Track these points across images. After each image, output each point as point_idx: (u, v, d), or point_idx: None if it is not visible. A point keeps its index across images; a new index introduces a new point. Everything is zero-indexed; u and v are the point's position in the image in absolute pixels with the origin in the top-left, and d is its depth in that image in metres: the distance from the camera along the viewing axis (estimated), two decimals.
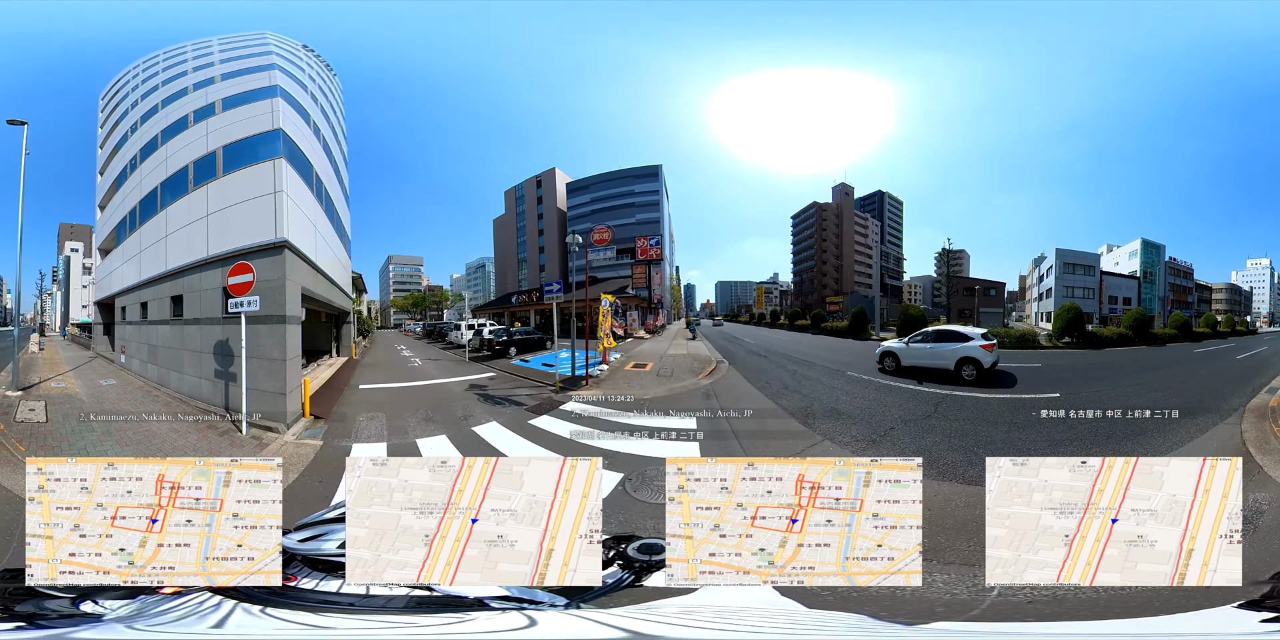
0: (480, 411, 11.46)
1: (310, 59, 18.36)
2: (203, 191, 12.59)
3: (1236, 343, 19.48)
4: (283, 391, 10.13)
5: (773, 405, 11.32)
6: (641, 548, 3.69)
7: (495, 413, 11.28)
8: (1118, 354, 17.37)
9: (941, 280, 36.10)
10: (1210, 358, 16.57)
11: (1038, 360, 15.45)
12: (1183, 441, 8.21)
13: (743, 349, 20.86)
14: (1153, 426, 8.81)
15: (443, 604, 3.11)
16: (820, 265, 35.56)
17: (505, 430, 9.98)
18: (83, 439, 8.79)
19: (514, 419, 10.69)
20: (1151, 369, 14.82)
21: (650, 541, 3.68)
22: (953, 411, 10.56)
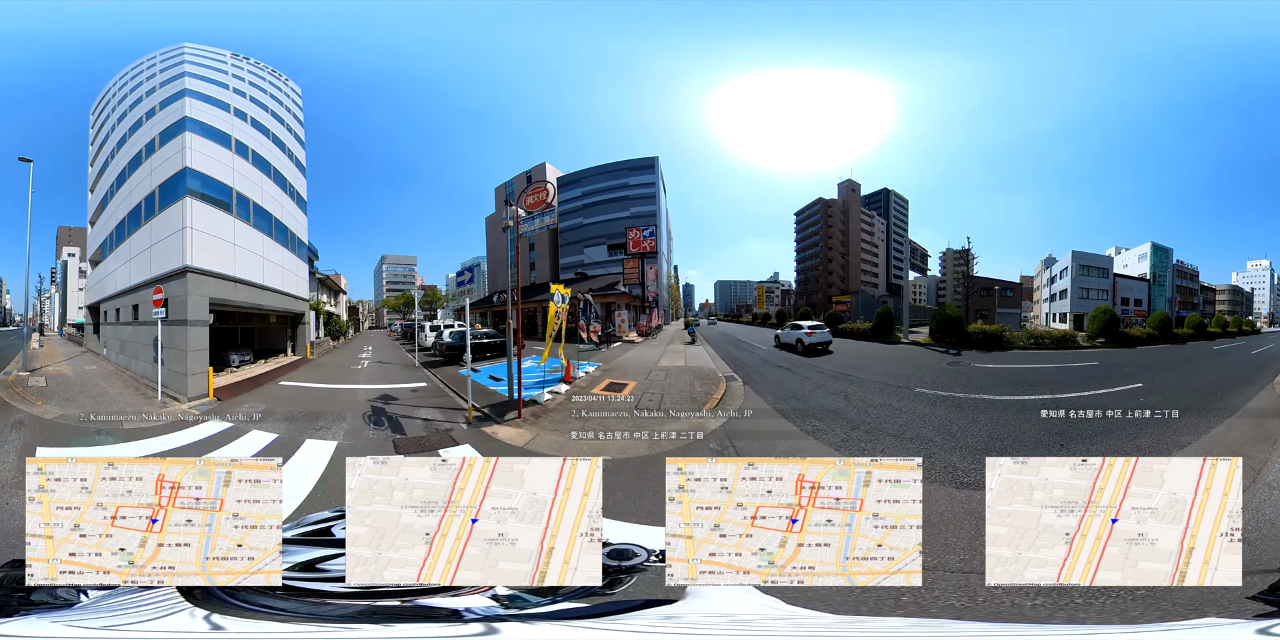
0: (344, 428, 10.34)
1: (247, 68, 18.99)
2: (148, 227, 16.56)
3: (1246, 341, 21.30)
4: (185, 374, 14.04)
5: None
6: (613, 554, 3.69)
7: (357, 433, 10.09)
8: (1154, 351, 19.08)
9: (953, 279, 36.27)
10: (1231, 353, 18.99)
11: (1094, 359, 16.86)
12: (1248, 399, 11.07)
13: (755, 357, 18.94)
14: (1229, 391, 11.45)
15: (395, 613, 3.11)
16: (826, 263, 35.30)
17: (323, 456, 8.70)
18: (67, 396, 13.67)
19: (365, 447, 9.50)
20: (1197, 361, 17.62)
21: (621, 547, 3.69)
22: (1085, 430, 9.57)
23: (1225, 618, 3.37)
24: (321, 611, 3.14)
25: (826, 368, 15.86)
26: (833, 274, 35.15)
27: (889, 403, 11.17)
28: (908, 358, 17.58)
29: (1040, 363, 16.29)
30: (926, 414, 10.40)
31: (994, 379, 13.39)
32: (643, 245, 27.63)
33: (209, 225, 15.90)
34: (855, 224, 35.56)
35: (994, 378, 13.62)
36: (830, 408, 10.71)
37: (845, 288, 34.80)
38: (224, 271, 16.21)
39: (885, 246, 36.91)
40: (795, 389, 12.35)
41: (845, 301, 33.50)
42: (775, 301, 41.77)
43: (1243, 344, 20.80)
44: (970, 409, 10.71)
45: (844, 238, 35.46)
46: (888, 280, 37.20)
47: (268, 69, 20.44)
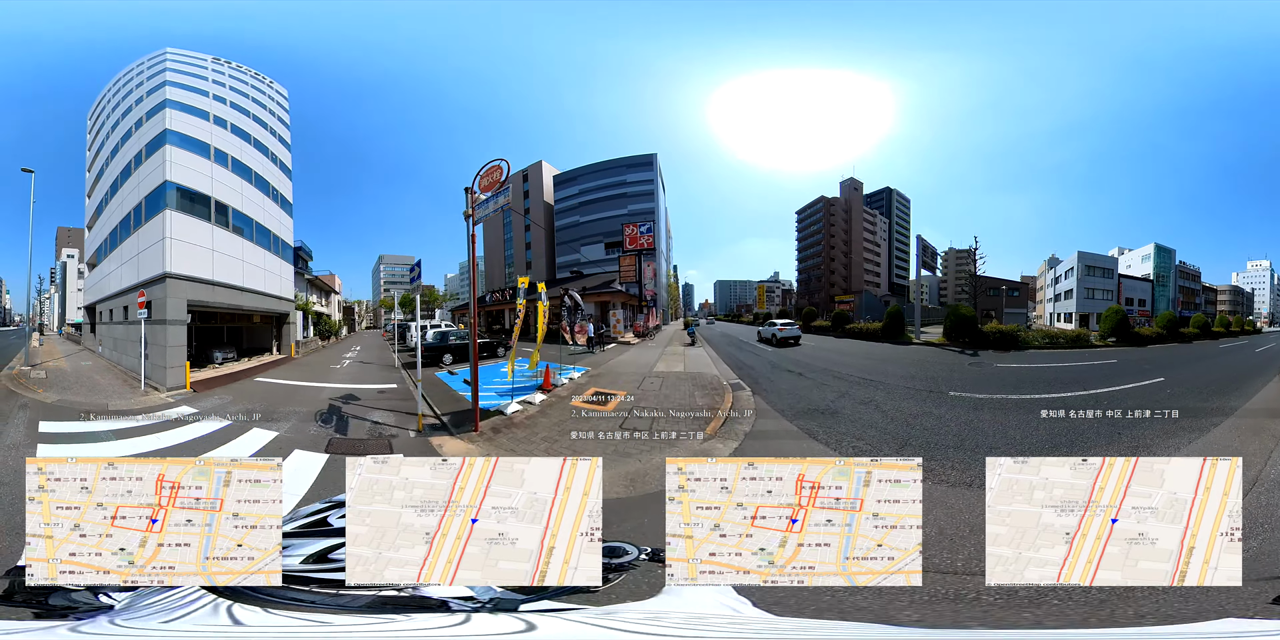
0: (291, 423, 10.54)
1: (228, 72, 19.48)
2: (136, 235, 17.83)
3: (1248, 341, 22.17)
4: (165, 367, 15.50)
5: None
6: (605, 551, 3.70)
7: (301, 429, 10.23)
8: (1165, 350, 19.87)
9: (955, 279, 36.30)
10: (1236, 351, 20.05)
11: (1112, 357, 17.63)
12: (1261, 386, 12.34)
13: (762, 361, 17.79)
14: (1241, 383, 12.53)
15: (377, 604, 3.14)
16: (828, 262, 35.25)
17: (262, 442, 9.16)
18: (64, 385, 15.36)
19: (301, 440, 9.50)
20: (1208, 359, 18.55)
21: (613, 544, 3.73)
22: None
23: (1245, 618, 3.40)
24: (336, 602, 3.19)
25: (845, 372, 14.53)
26: (835, 273, 35.11)
27: (929, 410, 10.19)
28: (926, 359, 17.26)
29: (1060, 361, 16.43)
30: (973, 421, 9.62)
31: (1023, 378, 13.36)
32: (640, 242, 26.76)
33: (187, 233, 17.40)
34: (858, 223, 35.38)
35: (1022, 377, 13.62)
36: (865, 420, 9.37)
37: (848, 287, 34.69)
38: (202, 276, 17.59)
39: (888, 246, 36.89)
40: (815, 398, 11.01)
41: (849, 301, 33.31)
42: (776, 301, 41.68)
43: (1245, 343, 21.63)
44: (1015, 410, 10.22)
45: (847, 236, 35.32)
46: (890, 280, 37.17)
47: (250, 72, 20.98)
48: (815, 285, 36.32)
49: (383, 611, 3.03)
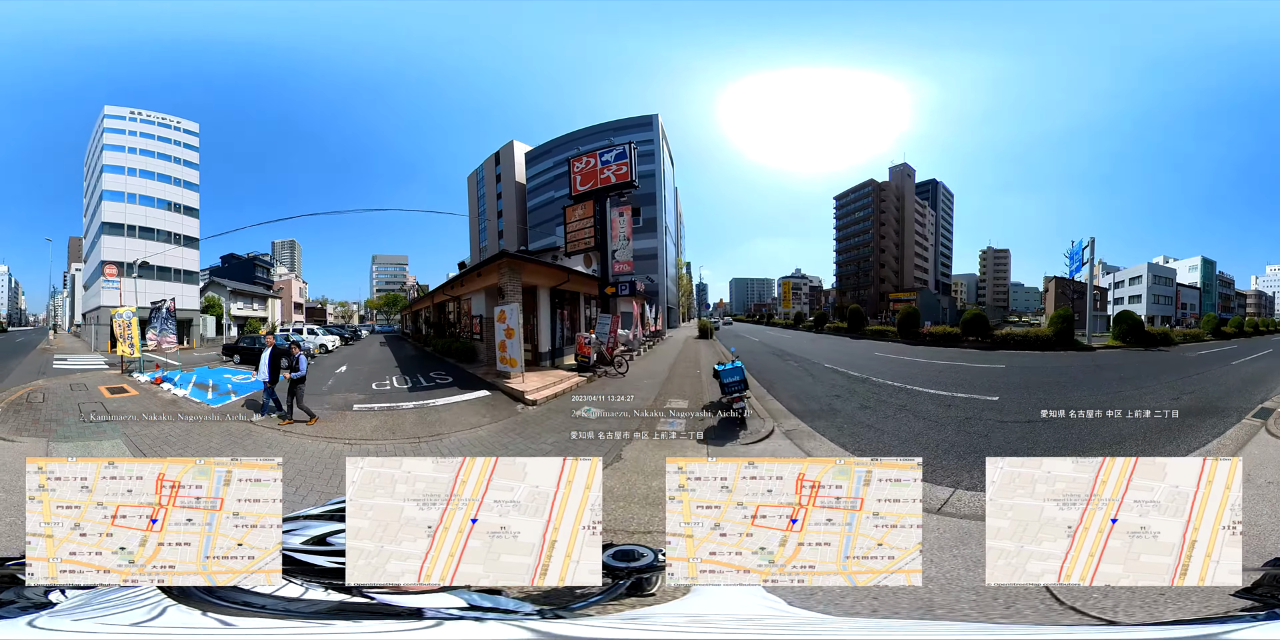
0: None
1: (140, 120, 24.89)
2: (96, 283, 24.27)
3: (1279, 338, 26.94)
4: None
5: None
6: (618, 555, 4.02)
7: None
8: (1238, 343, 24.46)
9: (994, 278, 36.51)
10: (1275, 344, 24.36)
11: (1234, 345, 22.73)
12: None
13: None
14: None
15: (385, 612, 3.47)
16: (878, 254, 32.78)
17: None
18: (66, 350, 22.64)
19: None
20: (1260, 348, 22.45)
21: (626, 547, 4.04)
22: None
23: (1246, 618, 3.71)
24: (295, 608, 3.53)
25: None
26: (886, 266, 32.65)
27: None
28: (1158, 370, 18.33)
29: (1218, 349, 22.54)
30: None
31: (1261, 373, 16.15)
32: (603, 176, 17.35)
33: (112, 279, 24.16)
34: (909, 212, 33.37)
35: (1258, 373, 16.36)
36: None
37: (900, 283, 32.64)
38: (120, 303, 23.45)
39: (934, 240, 35.68)
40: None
41: (908, 298, 30.67)
42: (803, 299, 40.91)
43: (1278, 339, 26.53)
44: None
45: (899, 226, 33.13)
46: (936, 277, 36.04)
47: (158, 117, 26.11)
48: (862, 280, 33.64)
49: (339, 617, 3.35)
